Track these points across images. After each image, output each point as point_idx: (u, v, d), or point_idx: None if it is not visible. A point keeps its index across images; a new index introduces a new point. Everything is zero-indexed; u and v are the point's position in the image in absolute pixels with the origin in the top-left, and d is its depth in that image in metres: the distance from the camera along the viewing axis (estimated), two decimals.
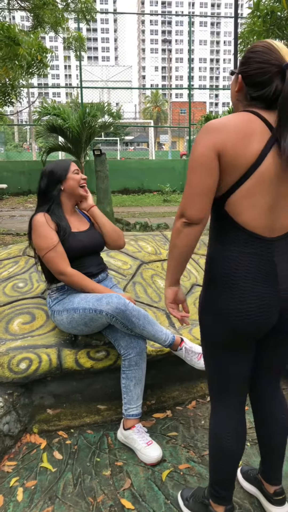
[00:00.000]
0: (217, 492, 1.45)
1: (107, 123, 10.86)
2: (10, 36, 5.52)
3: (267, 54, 1.20)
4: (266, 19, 5.71)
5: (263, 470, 1.59)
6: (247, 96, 1.26)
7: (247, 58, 1.24)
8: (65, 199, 2.15)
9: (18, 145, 35.55)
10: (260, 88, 1.22)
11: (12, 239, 6.69)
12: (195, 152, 1.21)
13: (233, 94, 1.32)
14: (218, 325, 1.31)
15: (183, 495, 1.62)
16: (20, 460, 1.88)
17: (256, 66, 1.21)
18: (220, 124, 1.19)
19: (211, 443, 1.45)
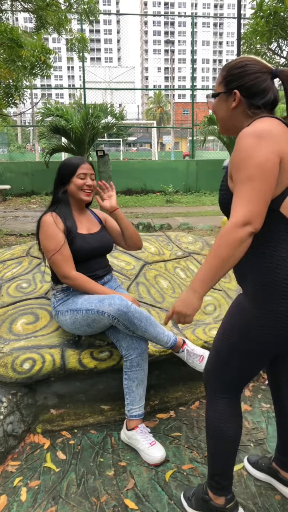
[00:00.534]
0: (218, 483, 1.48)
1: (110, 124, 10.87)
2: (13, 38, 5.55)
3: (256, 65, 1.28)
4: (269, 19, 5.72)
5: (280, 459, 1.66)
6: (250, 107, 1.29)
7: (238, 73, 1.29)
8: (72, 199, 2.13)
9: (21, 146, 35.64)
10: (263, 96, 1.28)
11: (16, 239, 6.71)
12: (260, 156, 1.15)
13: (226, 113, 1.35)
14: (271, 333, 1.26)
15: (186, 495, 1.63)
16: (23, 460, 1.88)
17: (252, 77, 1.27)
18: (271, 129, 1.19)
19: (215, 435, 1.46)
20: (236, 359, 1.37)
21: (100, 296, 1.96)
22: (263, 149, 1.16)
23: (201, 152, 16.59)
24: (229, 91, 1.31)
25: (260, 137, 1.17)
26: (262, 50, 6.83)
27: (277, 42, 6.57)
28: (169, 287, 2.65)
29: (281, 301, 1.23)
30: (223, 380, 1.42)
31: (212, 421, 1.46)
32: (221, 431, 1.44)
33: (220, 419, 1.44)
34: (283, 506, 1.62)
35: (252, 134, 1.18)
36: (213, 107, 1.39)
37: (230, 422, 1.44)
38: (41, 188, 12.47)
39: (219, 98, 1.35)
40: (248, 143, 1.17)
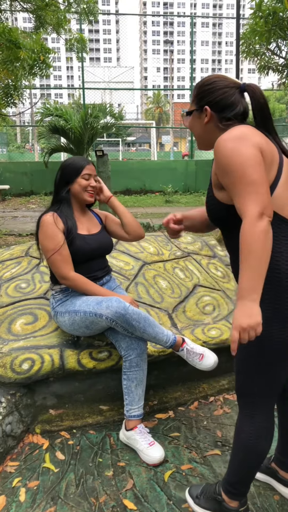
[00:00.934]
0: (237, 490, 1.49)
1: (109, 124, 10.86)
2: (11, 39, 5.54)
3: (223, 81, 1.35)
4: (268, 19, 5.72)
5: (280, 460, 1.66)
6: (221, 121, 1.35)
7: (207, 90, 1.36)
8: (74, 200, 2.12)
9: (21, 146, 35.64)
10: (232, 108, 1.34)
11: (15, 239, 6.70)
12: (243, 154, 1.19)
13: (201, 128, 1.41)
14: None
15: (192, 493, 1.62)
16: (22, 460, 1.88)
17: (220, 92, 1.34)
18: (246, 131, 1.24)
19: (244, 448, 1.43)
20: (263, 367, 1.33)
21: (98, 298, 1.96)
22: (244, 147, 1.20)
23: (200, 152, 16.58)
24: (200, 108, 1.38)
25: (238, 138, 1.22)
26: (261, 50, 6.82)
27: (276, 42, 6.57)
28: (168, 287, 2.65)
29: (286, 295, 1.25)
30: (256, 394, 1.38)
31: (249, 435, 1.41)
32: (255, 447, 1.42)
33: (256, 435, 1.41)
34: (282, 506, 1.62)
35: (228, 139, 1.23)
36: (189, 125, 1.46)
37: (265, 439, 1.43)
38: (40, 188, 12.45)
39: (193, 116, 1.43)
40: (228, 147, 1.22)
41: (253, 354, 1.33)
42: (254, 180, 1.17)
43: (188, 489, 1.65)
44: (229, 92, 1.34)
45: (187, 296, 2.63)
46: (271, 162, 1.25)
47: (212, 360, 2.00)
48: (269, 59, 6.92)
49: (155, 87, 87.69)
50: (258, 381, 1.36)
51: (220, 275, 2.95)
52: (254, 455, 1.43)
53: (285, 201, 1.27)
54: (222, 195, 1.31)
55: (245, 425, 1.42)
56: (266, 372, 1.34)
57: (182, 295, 2.62)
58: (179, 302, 2.57)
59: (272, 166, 1.26)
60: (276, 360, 1.32)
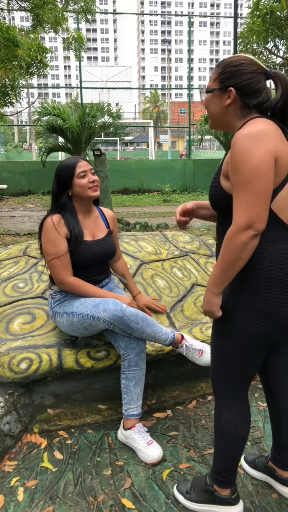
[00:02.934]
0: (225, 478, 1.53)
1: (107, 123, 10.85)
2: (9, 37, 5.53)
3: (252, 65, 1.31)
4: (266, 19, 5.73)
5: (277, 459, 1.68)
6: (243, 107, 1.32)
7: (234, 71, 1.31)
8: (76, 202, 2.06)
9: (18, 146, 35.56)
10: (257, 95, 1.31)
11: (12, 239, 6.69)
12: (255, 159, 1.18)
13: (219, 109, 1.36)
14: (265, 325, 1.31)
15: (181, 489, 1.64)
16: (20, 460, 1.88)
17: (248, 76, 1.30)
18: (265, 131, 1.21)
19: (225, 435, 1.49)
20: (237, 357, 1.40)
21: (95, 301, 1.95)
22: (258, 151, 1.18)
23: (198, 152, 16.58)
24: (224, 88, 1.33)
25: (255, 139, 1.20)
26: (259, 49, 6.82)
27: (274, 42, 6.57)
28: (166, 287, 2.65)
29: (265, 288, 1.29)
30: (230, 381, 1.46)
31: (227, 422, 1.48)
32: (235, 431, 1.48)
33: (234, 420, 1.48)
34: (280, 504, 1.63)
35: (247, 136, 1.20)
36: (205, 102, 1.41)
37: (243, 421, 1.49)
38: (38, 188, 12.44)
39: (213, 94, 1.37)
40: (243, 145, 1.20)
41: (229, 344, 1.40)
42: (256, 191, 1.18)
43: (176, 486, 1.67)
44: (257, 78, 1.30)
45: (185, 295, 2.63)
46: (283, 166, 1.24)
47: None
48: (266, 59, 6.92)
49: (152, 86, 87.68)
50: (234, 370, 1.43)
51: None
52: (235, 440, 1.49)
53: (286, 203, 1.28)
54: (227, 185, 1.32)
55: (222, 412, 1.49)
56: (241, 362, 1.41)
57: (180, 294, 2.62)
58: (177, 301, 2.57)
59: (282, 170, 1.25)
60: (250, 351, 1.39)
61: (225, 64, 1.34)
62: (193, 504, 1.59)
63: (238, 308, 1.33)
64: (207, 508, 1.57)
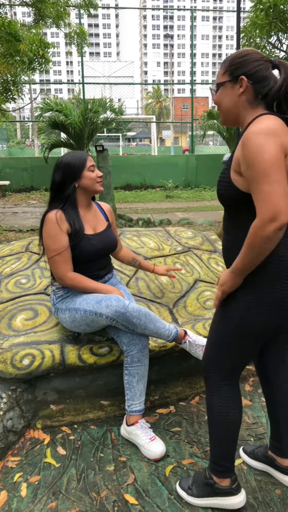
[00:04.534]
0: (222, 467, 1.54)
1: (109, 119, 10.83)
2: (11, 32, 5.50)
3: (258, 54, 1.36)
4: (269, 12, 5.67)
5: (276, 447, 1.70)
6: (256, 96, 1.34)
7: (242, 61, 1.34)
8: (80, 195, 2.05)
9: (21, 142, 35.53)
10: (267, 82, 1.33)
11: (15, 235, 6.70)
12: (268, 153, 1.20)
13: (232, 101, 1.38)
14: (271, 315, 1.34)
15: (183, 485, 1.65)
16: (23, 455, 1.88)
17: (256, 64, 1.33)
18: (275, 127, 1.24)
19: (217, 422, 1.52)
20: (234, 345, 1.43)
21: (98, 297, 1.94)
22: (272, 146, 1.21)
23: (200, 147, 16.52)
24: (234, 78, 1.35)
25: (267, 135, 1.23)
26: (262, 43, 6.77)
27: (277, 36, 6.52)
28: (169, 282, 2.64)
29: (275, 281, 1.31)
30: (224, 368, 1.48)
31: (218, 408, 1.51)
32: (227, 417, 1.50)
33: (226, 406, 1.50)
34: (283, 500, 1.62)
35: (260, 132, 1.23)
36: (217, 98, 1.42)
37: (235, 407, 1.51)
38: (40, 184, 12.43)
39: (224, 88, 1.39)
40: (257, 141, 1.22)
41: (229, 331, 1.42)
42: (273, 182, 1.20)
43: (178, 482, 1.68)
44: (264, 65, 1.34)
45: (188, 291, 2.62)
46: None
47: None
48: (270, 53, 6.87)
49: (155, 81, 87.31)
50: (231, 357, 1.45)
51: (221, 270, 2.94)
52: (228, 426, 1.51)
53: None
54: (239, 181, 1.32)
55: (214, 399, 1.52)
56: (238, 351, 1.44)
57: (183, 290, 2.61)
58: (180, 297, 2.56)
59: None
60: (249, 341, 1.41)
61: (232, 57, 1.38)
62: (196, 499, 1.59)
63: (246, 298, 1.35)
64: (210, 502, 1.58)
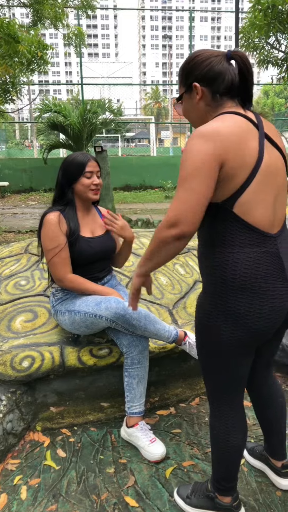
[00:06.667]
0: (223, 486, 1.48)
1: (108, 120, 10.84)
2: (9, 33, 5.50)
3: (207, 52, 1.27)
4: (267, 12, 5.67)
5: (268, 448, 1.69)
6: (213, 97, 1.26)
7: (191, 66, 1.27)
8: (77, 199, 2.05)
9: (20, 143, 35.52)
10: (222, 78, 1.24)
11: (14, 236, 6.69)
12: (195, 159, 1.14)
13: (195, 110, 1.32)
14: (237, 330, 1.24)
15: (181, 493, 1.61)
16: (23, 458, 1.87)
17: (205, 63, 1.25)
18: (216, 132, 1.15)
19: (217, 444, 1.44)
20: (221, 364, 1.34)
21: (97, 299, 1.94)
22: (202, 151, 1.13)
23: None
24: (188, 87, 1.29)
25: (203, 138, 1.14)
26: (260, 44, 6.77)
27: (276, 36, 6.51)
28: (168, 283, 2.64)
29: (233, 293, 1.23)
30: (221, 388, 1.40)
31: (218, 430, 1.43)
32: (227, 442, 1.42)
33: (226, 431, 1.42)
34: (284, 502, 1.62)
35: (197, 135, 1.16)
36: (182, 112, 1.37)
37: (236, 432, 1.42)
38: (39, 185, 12.42)
39: (185, 100, 1.34)
40: (191, 143, 1.17)
41: (210, 354, 1.34)
42: (190, 189, 1.14)
43: (177, 489, 1.63)
44: (215, 61, 1.24)
45: (188, 292, 2.62)
46: (240, 170, 1.16)
47: None
48: (268, 53, 6.86)
49: (154, 82, 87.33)
50: (221, 378, 1.37)
51: None
52: (228, 451, 1.43)
53: (253, 206, 1.20)
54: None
55: (215, 422, 1.44)
56: (226, 370, 1.34)
57: (182, 291, 2.61)
58: (180, 298, 2.56)
59: (241, 173, 1.17)
60: (232, 357, 1.32)
61: (182, 66, 1.32)
62: (193, 510, 1.55)
63: (218, 319, 1.27)
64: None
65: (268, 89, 37.38)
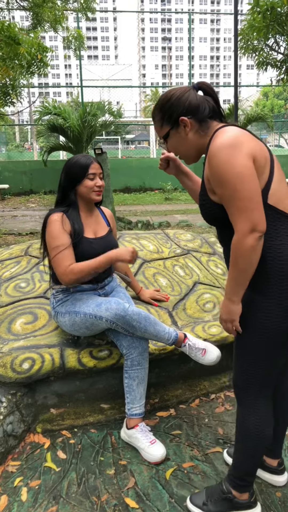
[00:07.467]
0: (246, 482, 1.52)
1: (107, 122, 10.85)
2: (10, 35, 5.52)
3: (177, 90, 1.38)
4: (266, 15, 5.68)
5: (267, 448, 1.70)
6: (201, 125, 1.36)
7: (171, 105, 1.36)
8: (81, 200, 2.07)
9: (20, 145, 35.53)
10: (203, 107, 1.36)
11: (14, 239, 6.69)
12: (236, 166, 1.20)
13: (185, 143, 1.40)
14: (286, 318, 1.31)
15: (196, 502, 1.57)
16: (24, 460, 1.88)
17: (183, 98, 1.35)
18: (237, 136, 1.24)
19: (249, 436, 1.47)
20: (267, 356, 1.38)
21: (98, 300, 1.95)
22: (238, 158, 1.21)
23: None
24: (175, 123, 1.38)
25: (230, 147, 1.23)
26: (260, 46, 6.78)
27: (275, 38, 6.52)
28: (168, 285, 2.64)
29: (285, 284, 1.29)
30: (259, 381, 1.42)
31: (255, 425, 1.46)
32: (263, 433, 1.46)
33: (263, 423, 1.46)
34: (284, 503, 1.62)
35: (222, 147, 1.23)
36: (170, 148, 1.45)
37: (270, 423, 1.48)
38: (39, 187, 12.44)
39: (171, 137, 1.41)
40: (221, 157, 1.23)
41: (259, 345, 1.37)
42: (246, 196, 1.21)
43: (189, 499, 1.60)
44: (190, 95, 1.36)
45: (187, 294, 2.62)
46: (265, 163, 1.28)
47: (215, 354, 2.00)
48: (267, 55, 6.87)
49: (153, 84, 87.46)
50: (260, 369, 1.40)
51: (220, 272, 2.94)
52: (261, 442, 1.48)
53: (281, 195, 1.30)
54: (216, 198, 1.33)
55: (250, 415, 1.46)
56: (271, 360, 1.39)
57: (182, 293, 2.61)
58: (179, 299, 2.56)
59: (266, 166, 1.28)
60: (280, 347, 1.37)
61: (159, 107, 1.40)
62: None
63: (266, 307, 1.31)
64: None
65: (268, 90, 37.43)
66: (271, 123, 12.49)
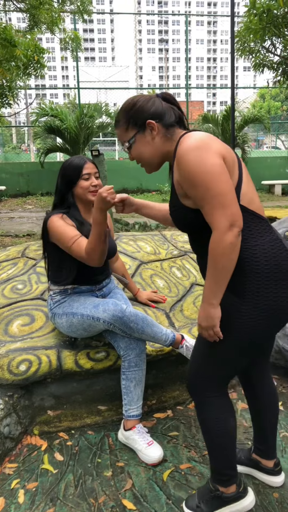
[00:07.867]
0: (227, 475, 1.52)
1: (104, 124, 10.87)
2: (6, 37, 5.52)
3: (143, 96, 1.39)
4: (263, 17, 5.71)
5: (260, 449, 1.71)
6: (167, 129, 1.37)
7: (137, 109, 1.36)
8: (78, 201, 2.06)
9: (16, 147, 35.50)
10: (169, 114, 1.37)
11: (11, 240, 6.68)
12: (206, 165, 1.20)
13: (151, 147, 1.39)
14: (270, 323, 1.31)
15: (191, 505, 1.57)
16: (21, 462, 1.87)
17: (149, 104, 1.36)
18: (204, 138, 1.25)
19: (215, 432, 1.48)
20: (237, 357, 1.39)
21: (95, 301, 1.95)
22: (207, 157, 1.22)
23: None
24: (141, 127, 1.37)
25: (198, 148, 1.23)
26: (256, 48, 6.81)
27: (271, 40, 6.55)
28: (165, 286, 2.64)
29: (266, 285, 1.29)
30: (219, 380, 1.46)
31: (214, 421, 1.47)
32: (225, 426, 1.47)
33: (221, 417, 1.47)
34: (282, 504, 1.62)
35: (189, 149, 1.24)
36: (135, 154, 1.43)
37: (229, 415, 1.49)
38: (36, 189, 12.43)
39: (137, 141, 1.39)
40: (190, 159, 1.23)
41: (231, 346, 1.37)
42: (220, 192, 1.20)
43: (184, 503, 1.60)
44: (156, 101, 1.37)
45: (185, 295, 2.62)
46: (233, 164, 1.29)
47: None
48: (264, 57, 6.90)
49: (150, 86, 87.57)
50: (228, 369, 1.43)
51: None
52: (226, 435, 1.48)
53: (252, 195, 1.32)
54: (189, 203, 1.32)
55: (209, 412, 1.48)
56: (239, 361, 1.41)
57: (179, 294, 2.62)
58: (177, 301, 2.56)
59: (234, 167, 1.29)
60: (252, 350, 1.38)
61: (125, 112, 1.39)
62: None
63: (242, 310, 1.30)
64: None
65: (264, 92, 37.56)
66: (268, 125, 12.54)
